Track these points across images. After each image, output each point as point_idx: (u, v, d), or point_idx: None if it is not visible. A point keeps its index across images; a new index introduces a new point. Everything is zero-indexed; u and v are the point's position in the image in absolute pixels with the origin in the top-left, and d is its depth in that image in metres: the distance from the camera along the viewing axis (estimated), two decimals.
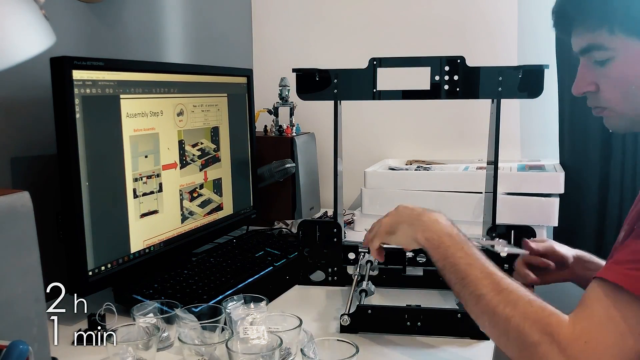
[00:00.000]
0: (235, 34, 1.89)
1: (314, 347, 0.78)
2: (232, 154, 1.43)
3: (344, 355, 0.77)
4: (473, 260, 0.78)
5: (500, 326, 0.72)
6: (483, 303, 0.74)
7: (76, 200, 0.97)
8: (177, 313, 0.92)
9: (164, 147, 1.18)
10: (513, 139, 1.76)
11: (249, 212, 1.51)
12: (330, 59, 1.81)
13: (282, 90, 1.70)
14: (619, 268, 0.67)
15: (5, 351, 0.55)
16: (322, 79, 1.16)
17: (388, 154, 1.86)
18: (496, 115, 1.12)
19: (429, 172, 1.61)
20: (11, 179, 1.06)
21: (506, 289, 0.73)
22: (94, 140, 1.00)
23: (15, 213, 0.67)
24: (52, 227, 0.96)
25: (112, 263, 1.05)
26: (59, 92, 0.94)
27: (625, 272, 0.65)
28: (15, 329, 0.67)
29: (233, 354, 0.77)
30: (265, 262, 1.26)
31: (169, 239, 1.20)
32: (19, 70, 0.70)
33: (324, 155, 1.81)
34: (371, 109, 1.84)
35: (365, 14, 1.85)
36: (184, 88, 1.24)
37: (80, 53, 1.01)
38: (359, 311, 0.97)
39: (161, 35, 1.45)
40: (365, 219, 1.60)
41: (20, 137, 1.07)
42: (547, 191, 1.48)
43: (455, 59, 1.11)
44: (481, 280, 0.75)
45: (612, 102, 0.79)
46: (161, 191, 1.17)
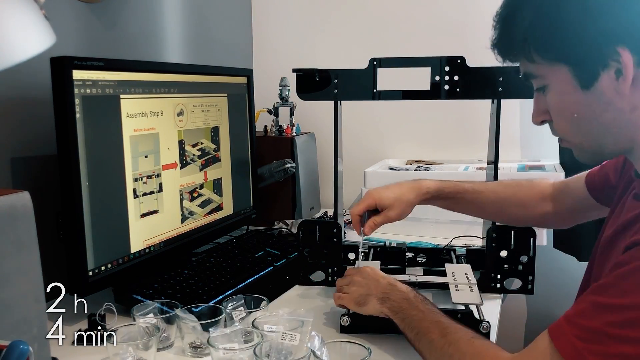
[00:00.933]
0: (235, 34, 1.89)
1: (325, 350, 0.78)
2: (232, 154, 1.43)
3: (355, 358, 0.77)
4: (425, 315, 0.85)
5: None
6: (433, 347, 0.80)
7: (76, 200, 0.97)
8: (177, 313, 0.92)
9: (164, 147, 1.18)
10: (513, 139, 1.76)
11: (249, 212, 1.51)
12: (330, 59, 1.81)
13: (282, 90, 1.70)
14: (570, 331, 0.64)
15: (5, 351, 0.55)
16: (322, 79, 1.16)
17: (388, 154, 1.86)
18: (496, 115, 1.12)
19: (429, 172, 1.61)
20: (11, 179, 1.06)
21: (451, 332, 0.79)
22: (94, 140, 1.00)
23: (15, 213, 0.67)
24: (52, 227, 0.96)
25: (112, 263, 1.05)
26: (59, 92, 0.94)
27: (572, 340, 0.63)
28: (15, 329, 0.67)
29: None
30: (265, 262, 1.26)
31: (169, 239, 1.20)
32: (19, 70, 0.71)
33: (324, 155, 1.81)
34: (371, 109, 1.84)
35: (365, 14, 1.85)
36: (184, 88, 1.24)
37: (80, 53, 1.01)
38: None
39: (161, 35, 1.45)
40: None
41: (20, 137, 1.07)
42: None
43: (456, 59, 1.11)
44: (430, 328, 0.81)
45: (563, 132, 0.75)
46: (161, 191, 1.17)
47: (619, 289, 0.61)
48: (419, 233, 1.51)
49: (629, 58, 0.64)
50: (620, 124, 0.69)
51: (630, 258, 0.62)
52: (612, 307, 0.61)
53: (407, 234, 1.50)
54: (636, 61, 0.65)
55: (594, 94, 0.68)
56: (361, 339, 0.92)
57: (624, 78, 0.66)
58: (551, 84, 0.72)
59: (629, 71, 0.65)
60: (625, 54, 0.64)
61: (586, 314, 0.63)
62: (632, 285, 0.60)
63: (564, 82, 0.70)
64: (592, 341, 0.61)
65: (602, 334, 0.61)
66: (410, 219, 1.21)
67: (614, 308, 0.61)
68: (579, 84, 0.69)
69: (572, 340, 0.62)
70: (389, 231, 1.54)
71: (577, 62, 0.68)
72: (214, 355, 0.83)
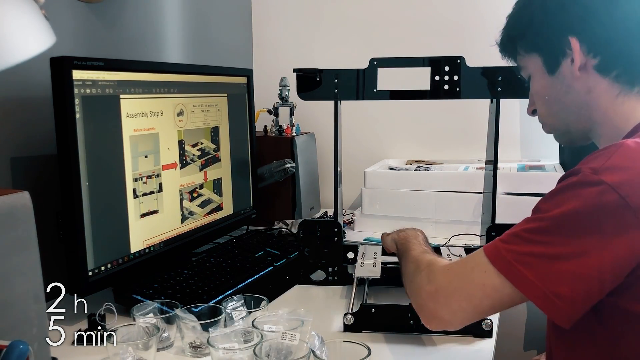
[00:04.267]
0: (235, 34, 1.89)
1: (325, 349, 0.78)
2: (232, 154, 1.43)
3: (355, 357, 0.77)
4: (419, 246, 0.98)
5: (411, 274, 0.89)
6: (407, 259, 0.94)
7: (76, 200, 0.97)
8: (177, 313, 0.92)
9: (164, 147, 1.18)
10: (513, 139, 1.76)
11: (249, 212, 1.51)
12: (330, 59, 1.81)
13: (282, 90, 1.70)
14: (497, 240, 0.76)
15: (5, 351, 0.55)
16: (322, 79, 1.16)
17: (388, 154, 1.86)
18: (495, 115, 1.12)
19: (429, 172, 1.61)
20: (11, 179, 1.06)
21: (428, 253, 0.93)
22: (94, 140, 1.00)
23: (15, 213, 0.67)
24: (52, 227, 0.96)
25: (112, 263, 1.05)
26: (59, 92, 0.94)
27: (495, 243, 0.75)
28: (15, 329, 0.67)
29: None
30: (265, 262, 1.26)
31: (169, 239, 1.20)
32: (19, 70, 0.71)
33: (324, 155, 1.81)
34: (371, 109, 1.84)
35: (365, 14, 1.85)
36: (184, 88, 1.24)
37: (80, 53, 1.01)
38: (363, 310, 0.97)
39: (161, 35, 1.45)
40: (365, 219, 1.60)
41: (20, 137, 1.07)
42: (547, 191, 1.47)
43: (455, 59, 1.11)
44: (415, 248, 0.96)
45: (542, 116, 0.88)
46: (161, 191, 1.17)
47: (542, 207, 0.75)
48: None
49: (576, 45, 0.77)
50: (580, 104, 0.81)
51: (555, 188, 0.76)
52: (532, 220, 0.74)
53: None
54: (584, 49, 0.77)
55: (558, 78, 0.81)
56: (361, 339, 0.92)
57: (574, 63, 0.78)
58: (532, 73, 0.85)
59: (577, 56, 0.78)
60: (574, 41, 0.77)
61: (513, 231, 0.76)
62: (551, 204, 0.73)
63: (538, 69, 0.83)
64: (508, 242, 0.73)
65: (517, 236, 0.73)
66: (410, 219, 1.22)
67: (532, 220, 0.74)
68: (547, 70, 0.82)
69: (495, 243, 0.75)
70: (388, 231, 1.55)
71: (544, 51, 0.82)
72: (213, 355, 0.83)
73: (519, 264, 0.71)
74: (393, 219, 1.55)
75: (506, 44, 0.88)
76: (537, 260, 0.70)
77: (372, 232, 1.56)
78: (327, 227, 1.18)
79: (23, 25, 0.68)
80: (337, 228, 1.18)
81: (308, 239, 1.18)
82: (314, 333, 0.82)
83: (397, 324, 0.96)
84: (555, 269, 0.69)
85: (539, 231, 0.72)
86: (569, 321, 0.70)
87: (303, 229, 1.19)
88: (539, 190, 1.48)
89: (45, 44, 0.70)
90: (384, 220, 1.56)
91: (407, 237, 1.02)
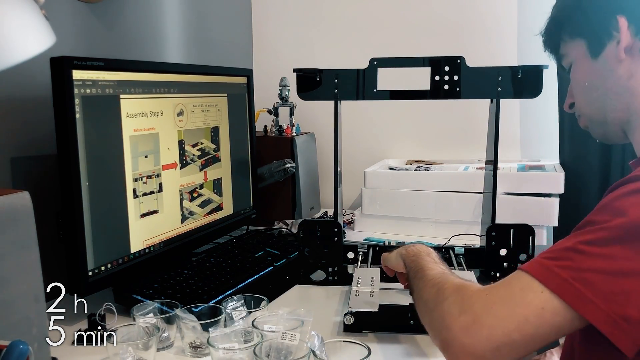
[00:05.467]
0: (235, 34, 1.89)
1: (325, 349, 0.78)
2: (232, 154, 1.43)
3: (355, 357, 0.77)
4: (431, 263, 0.85)
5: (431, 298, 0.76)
6: (424, 282, 0.80)
7: (76, 200, 0.97)
8: (177, 313, 0.92)
9: (164, 147, 1.18)
10: (513, 139, 1.76)
11: (249, 212, 1.51)
12: (330, 59, 1.81)
13: (282, 90, 1.70)
14: (538, 259, 0.66)
15: (5, 351, 0.55)
16: (322, 79, 1.16)
17: (388, 154, 1.86)
18: (495, 115, 1.12)
19: (429, 172, 1.61)
20: (11, 179, 1.06)
21: (447, 274, 0.80)
22: (94, 140, 1.00)
23: (15, 213, 0.67)
24: (52, 227, 0.96)
25: (112, 263, 1.05)
26: (59, 92, 0.94)
27: (541, 261, 0.66)
28: (15, 329, 0.67)
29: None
30: (265, 262, 1.26)
31: (169, 239, 1.20)
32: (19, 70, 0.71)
33: (324, 155, 1.81)
34: (371, 109, 1.84)
35: (365, 14, 1.85)
36: (184, 88, 1.24)
37: (80, 53, 1.01)
38: (363, 310, 0.97)
39: (161, 35, 1.45)
40: (365, 218, 1.60)
41: (20, 137, 1.07)
42: (547, 191, 1.48)
43: (455, 59, 1.11)
44: (430, 267, 0.83)
45: (580, 106, 0.83)
46: (161, 191, 1.17)
47: (597, 219, 0.65)
48: (419, 232, 1.51)
49: (624, 24, 0.74)
50: (620, 91, 0.77)
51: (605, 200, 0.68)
52: (587, 232, 0.65)
53: (407, 234, 1.50)
54: (632, 29, 0.74)
55: (600, 62, 0.77)
56: (361, 339, 0.92)
57: (620, 44, 0.74)
58: (574, 59, 0.81)
59: (624, 36, 0.74)
60: (622, 20, 0.74)
61: (562, 245, 0.66)
62: (610, 213, 0.64)
63: (581, 54, 0.80)
64: (560, 259, 0.64)
65: (572, 250, 0.64)
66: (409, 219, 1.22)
67: (587, 232, 0.65)
68: (590, 54, 0.78)
69: (540, 261, 0.65)
70: (388, 231, 1.55)
71: (590, 32, 0.78)
72: (213, 355, 0.83)
73: (577, 282, 0.61)
74: (393, 219, 1.55)
75: (552, 30, 0.84)
76: (599, 277, 0.61)
77: (372, 232, 1.56)
78: (327, 227, 1.18)
79: (23, 25, 0.68)
80: (337, 228, 1.18)
81: (308, 239, 1.18)
82: (314, 333, 0.82)
83: (397, 324, 0.96)
84: (619, 287, 0.60)
85: (599, 242, 0.62)
86: (636, 347, 0.60)
87: (303, 229, 1.19)
88: (539, 190, 1.48)
89: (45, 44, 0.70)
90: (384, 220, 1.57)
91: (418, 254, 0.89)
